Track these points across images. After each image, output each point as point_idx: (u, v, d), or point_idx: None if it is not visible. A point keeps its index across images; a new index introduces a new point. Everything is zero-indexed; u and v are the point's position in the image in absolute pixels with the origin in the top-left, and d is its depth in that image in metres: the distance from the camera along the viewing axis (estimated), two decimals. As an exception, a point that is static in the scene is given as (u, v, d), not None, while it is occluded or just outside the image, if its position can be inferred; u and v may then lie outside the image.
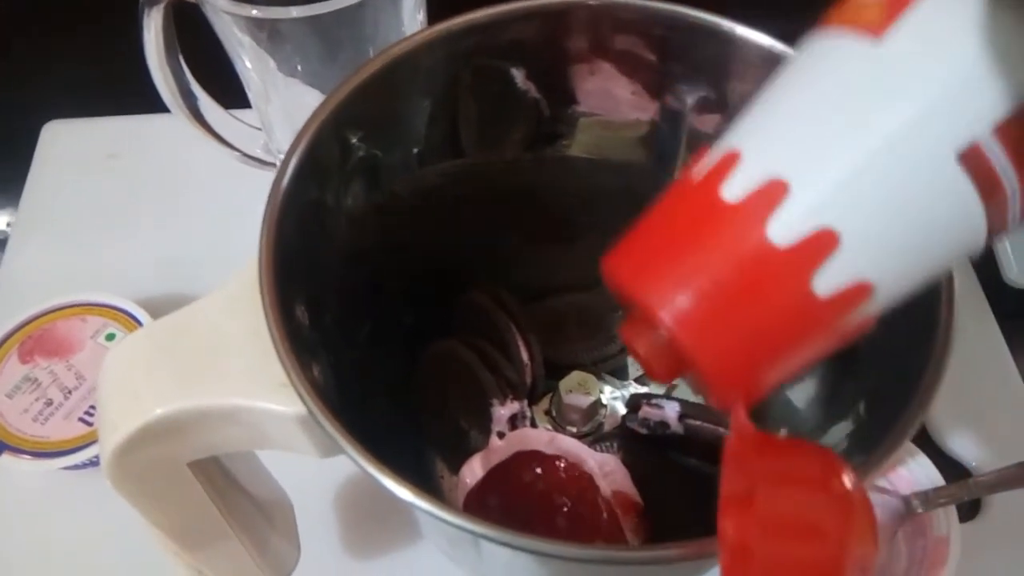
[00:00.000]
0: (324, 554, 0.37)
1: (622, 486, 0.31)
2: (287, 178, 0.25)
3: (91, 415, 0.38)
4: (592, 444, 0.35)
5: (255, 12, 0.33)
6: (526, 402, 0.35)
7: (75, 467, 0.37)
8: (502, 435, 0.34)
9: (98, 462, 0.24)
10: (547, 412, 0.37)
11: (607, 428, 0.37)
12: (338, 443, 0.20)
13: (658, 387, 0.38)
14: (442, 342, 0.36)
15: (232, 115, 0.41)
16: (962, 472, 0.40)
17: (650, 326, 0.17)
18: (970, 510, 0.39)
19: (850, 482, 0.16)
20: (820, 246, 0.15)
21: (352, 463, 0.20)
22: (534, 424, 0.36)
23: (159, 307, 0.41)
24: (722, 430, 0.33)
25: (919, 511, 0.34)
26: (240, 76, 0.39)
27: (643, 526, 0.31)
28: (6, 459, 0.37)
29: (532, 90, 0.31)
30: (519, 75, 0.30)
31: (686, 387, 0.38)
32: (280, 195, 0.25)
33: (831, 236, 0.15)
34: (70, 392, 0.39)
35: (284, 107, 0.39)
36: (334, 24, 0.34)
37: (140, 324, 0.41)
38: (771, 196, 0.16)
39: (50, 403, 0.38)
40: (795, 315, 0.16)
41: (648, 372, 0.18)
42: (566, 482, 0.31)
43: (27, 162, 0.50)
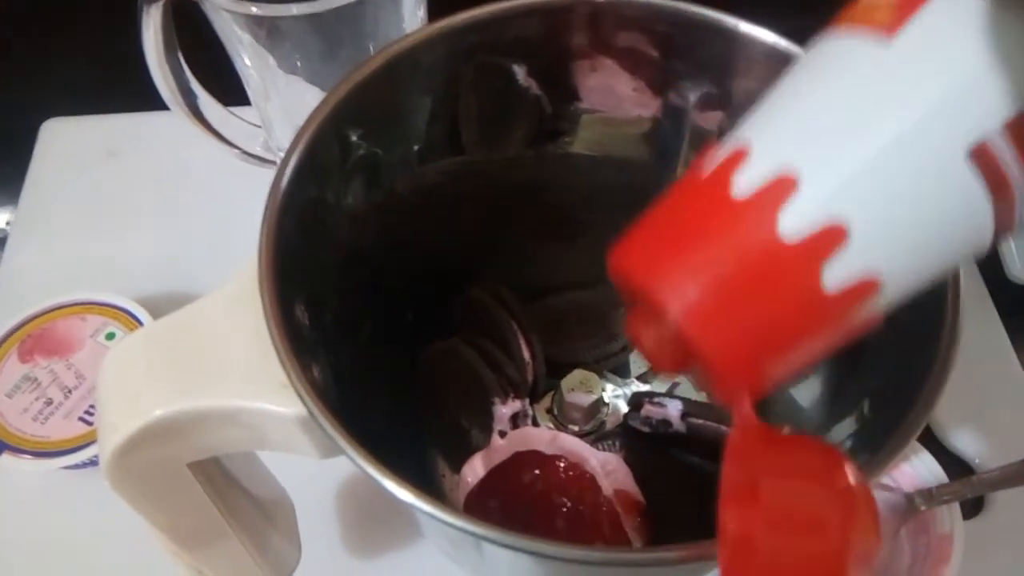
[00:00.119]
0: (325, 554, 0.37)
1: (624, 485, 0.31)
2: (287, 177, 0.25)
3: (91, 414, 0.38)
4: (594, 443, 0.35)
5: (255, 9, 0.33)
6: (528, 400, 0.35)
7: (75, 466, 0.37)
8: (504, 434, 0.34)
9: (98, 462, 0.24)
10: (549, 410, 0.37)
11: (609, 426, 0.37)
12: (338, 444, 0.20)
13: (660, 385, 0.38)
14: (443, 341, 0.36)
15: (232, 113, 0.41)
16: (965, 469, 0.40)
17: (656, 318, 0.17)
18: (973, 507, 0.39)
19: (853, 477, 0.16)
20: (829, 240, 0.15)
21: (353, 463, 0.20)
22: (536, 423, 0.36)
23: (159, 306, 0.41)
24: (725, 428, 0.32)
25: (922, 508, 0.34)
26: (240, 74, 0.39)
27: (645, 525, 0.31)
28: (6, 459, 0.36)
29: (534, 87, 0.31)
30: (521, 72, 0.30)
31: (688, 385, 0.38)
32: (280, 194, 0.24)
33: (840, 230, 0.15)
34: (70, 391, 0.39)
35: (284, 105, 0.39)
36: (334, 21, 0.34)
37: (140, 323, 0.40)
38: (780, 190, 0.16)
39: (50, 402, 0.38)
40: (803, 309, 0.16)
41: (653, 365, 0.18)
42: (567, 482, 0.31)
43: (26, 160, 0.50)
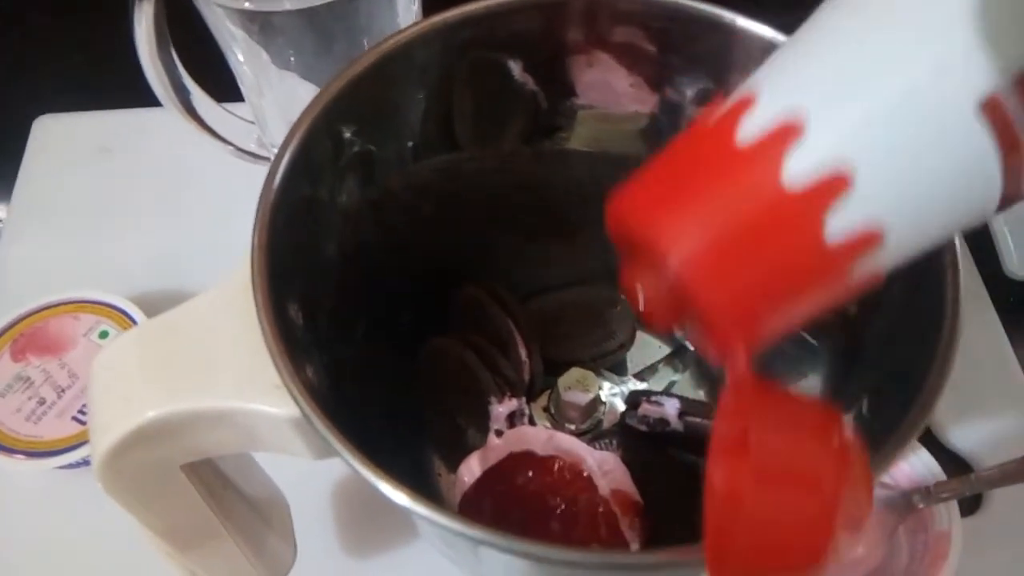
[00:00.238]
0: (321, 554, 0.36)
1: (621, 484, 0.31)
2: (279, 175, 0.25)
3: (85, 414, 0.38)
4: (591, 441, 0.35)
5: (248, 5, 0.33)
6: (524, 399, 0.35)
7: (69, 466, 0.37)
8: (500, 433, 0.33)
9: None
10: (546, 409, 0.37)
11: (606, 425, 0.36)
12: (333, 446, 0.20)
13: (657, 384, 0.38)
14: (439, 340, 0.35)
15: (225, 109, 0.41)
16: (963, 466, 0.40)
17: (653, 268, 0.17)
18: (971, 505, 0.39)
19: (848, 436, 0.16)
20: (833, 187, 0.15)
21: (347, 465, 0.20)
22: (532, 422, 0.35)
23: (153, 303, 0.41)
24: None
25: (920, 506, 0.34)
26: (233, 69, 0.39)
27: (642, 525, 0.31)
28: (-1, 459, 0.36)
29: (530, 82, 0.31)
30: (516, 67, 0.30)
31: (686, 384, 0.38)
32: (272, 192, 0.24)
33: (845, 178, 0.15)
34: (63, 391, 0.38)
35: (277, 100, 0.39)
36: (328, 16, 0.34)
37: (133, 321, 0.40)
38: (786, 136, 0.16)
39: (43, 402, 0.38)
40: (804, 258, 0.16)
41: (647, 318, 0.18)
42: (562, 483, 0.30)
43: (18, 157, 0.49)
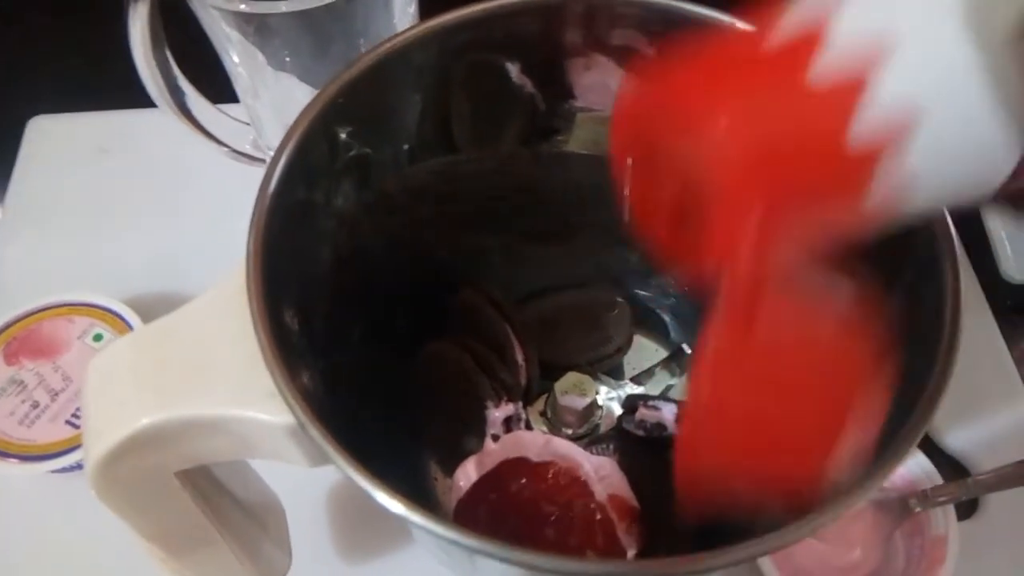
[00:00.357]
0: (316, 559, 0.36)
1: (618, 489, 0.31)
2: (275, 178, 0.24)
3: (79, 417, 0.37)
4: (588, 446, 0.35)
5: (243, 7, 0.33)
6: (521, 404, 0.35)
7: (63, 470, 0.37)
8: (497, 438, 0.33)
9: (84, 468, 0.23)
10: (542, 413, 0.37)
11: (603, 429, 0.36)
12: (329, 455, 0.20)
13: (654, 387, 0.38)
14: (435, 344, 0.35)
15: (220, 110, 0.41)
16: (959, 470, 0.40)
17: (667, 165, 0.18)
18: (968, 509, 0.39)
19: (868, 355, 0.16)
20: (875, 55, 0.15)
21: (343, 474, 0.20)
22: (529, 426, 0.35)
23: (148, 306, 0.41)
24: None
25: (917, 510, 0.34)
26: (228, 71, 0.39)
27: (639, 530, 0.31)
28: (-8, 463, 0.36)
29: (528, 85, 0.30)
30: (514, 69, 0.30)
31: (683, 387, 0.37)
32: (268, 197, 0.24)
33: (886, 44, 0.15)
34: (57, 394, 0.38)
35: (273, 102, 0.39)
36: (324, 18, 0.33)
37: (128, 324, 0.40)
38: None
39: (36, 405, 0.38)
40: (829, 143, 0.16)
41: (642, 220, 0.19)
42: (557, 489, 0.30)
43: (12, 158, 0.49)
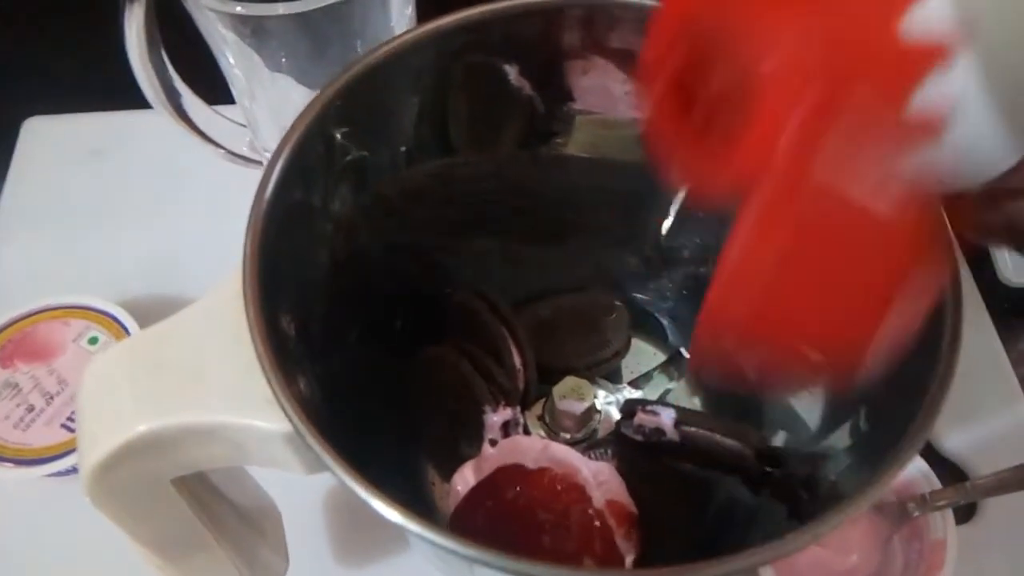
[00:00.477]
0: (312, 564, 0.36)
1: (616, 495, 0.31)
2: (272, 182, 0.24)
3: (74, 421, 0.37)
4: (586, 451, 0.35)
5: (239, 9, 0.32)
6: (519, 408, 0.35)
7: (58, 474, 0.37)
8: (495, 442, 0.33)
9: (80, 474, 0.23)
10: (540, 418, 0.37)
11: (601, 434, 0.36)
12: (326, 464, 0.20)
13: (652, 392, 0.38)
14: (433, 348, 0.35)
15: (217, 112, 0.40)
16: (958, 473, 0.40)
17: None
18: (966, 513, 0.39)
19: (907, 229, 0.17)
20: None
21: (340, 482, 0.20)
22: (527, 431, 0.35)
23: (144, 309, 0.41)
24: (719, 437, 0.32)
25: (915, 514, 0.34)
26: (224, 72, 0.38)
27: (637, 537, 0.31)
28: (-13, 467, 0.36)
29: (526, 87, 0.30)
30: (512, 72, 0.30)
31: (681, 393, 0.37)
32: (265, 201, 0.24)
33: None
34: (52, 397, 0.38)
35: (270, 104, 0.38)
36: (321, 20, 0.33)
37: (123, 327, 0.40)
38: None
39: (31, 409, 0.37)
40: (878, 39, 0.16)
41: (665, 123, 0.20)
42: (553, 495, 0.30)
43: (7, 160, 0.49)
